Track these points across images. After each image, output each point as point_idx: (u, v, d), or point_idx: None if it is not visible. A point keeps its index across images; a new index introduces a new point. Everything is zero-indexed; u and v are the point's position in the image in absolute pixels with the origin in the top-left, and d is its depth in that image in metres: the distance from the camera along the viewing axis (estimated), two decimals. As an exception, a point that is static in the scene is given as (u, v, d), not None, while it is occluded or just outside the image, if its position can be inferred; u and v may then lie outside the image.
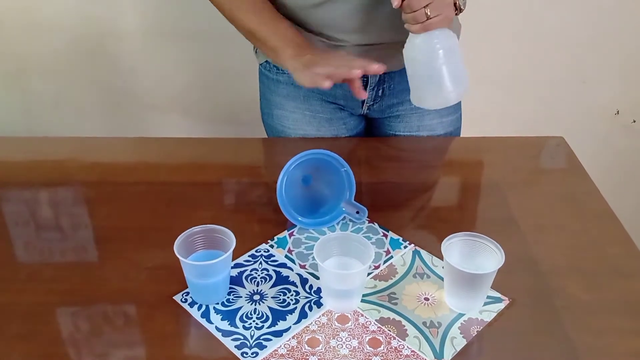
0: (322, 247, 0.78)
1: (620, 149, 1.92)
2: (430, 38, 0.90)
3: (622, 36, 1.72)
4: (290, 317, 0.76)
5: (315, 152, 0.90)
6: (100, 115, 1.87)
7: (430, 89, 0.93)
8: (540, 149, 1.16)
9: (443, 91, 0.91)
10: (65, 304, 0.78)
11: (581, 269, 0.85)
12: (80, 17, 1.67)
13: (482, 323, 0.76)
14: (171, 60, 1.76)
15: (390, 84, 1.12)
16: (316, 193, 0.94)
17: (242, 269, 0.84)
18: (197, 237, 0.79)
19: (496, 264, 0.74)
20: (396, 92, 1.14)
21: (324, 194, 0.95)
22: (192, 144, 1.18)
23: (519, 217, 0.94)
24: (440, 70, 0.91)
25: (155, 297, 0.79)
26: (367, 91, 1.13)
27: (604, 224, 0.94)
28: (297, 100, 1.15)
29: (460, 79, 0.92)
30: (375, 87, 1.12)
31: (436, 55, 0.90)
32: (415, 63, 0.93)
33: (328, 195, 0.94)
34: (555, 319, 0.77)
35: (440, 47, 0.90)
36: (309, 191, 0.93)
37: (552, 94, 1.82)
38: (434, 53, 0.90)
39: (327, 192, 0.95)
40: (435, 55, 0.90)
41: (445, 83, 0.91)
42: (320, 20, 1.03)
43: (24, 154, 1.13)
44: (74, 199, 1.00)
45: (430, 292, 0.80)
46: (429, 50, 0.90)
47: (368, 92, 1.13)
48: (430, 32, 0.89)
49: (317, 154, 0.90)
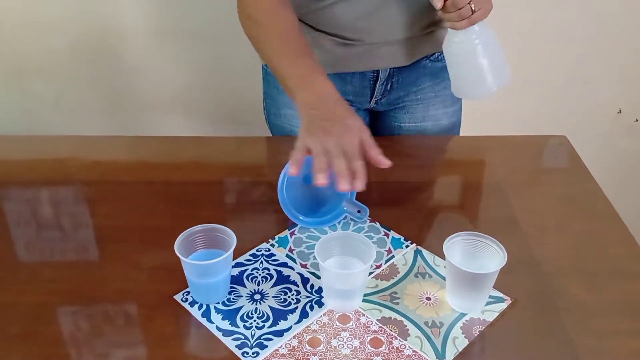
0: (323, 246, 0.77)
1: (622, 148, 1.91)
2: (470, 33, 0.93)
3: (623, 36, 1.72)
4: (291, 317, 0.76)
5: None
6: (101, 115, 1.87)
7: (472, 82, 0.97)
8: (543, 148, 1.16)
9: (485, 84, 0.96)
10: (66, 304, 0.78)
11: (583, 269, 0.84)
12: (80, 16, 1.67)
13: (484, 323, 0.75)
14: (172, 60, 1.76)
15: (398, 77, 1.12)
16: (317, 192, 0.94)
17: (243, 268, 0.83)
18: (198, 236, 0.79)
19: (498, 263, 0.74)
20: (403, 85, 1.14)
21: (325, 193, 0.94)
22: (193, 142, 1.17)
23: (521, 217, 0.94)
24: (481, 64, 0.94)
25: (156, 296, 0.79)
26: (377, 86, 1.13)
27: (607, 224, 0.93)
28: None
29: (500, 70, 0.96)
30: (384, 82, 1.12)
31: (476, 50, 0.94)
32: (456, 58, 0.97)
33: (329, 194, 0.94)
34: (557, 320, 0.76)
35: (479, 42, 0.93)
36: (310, 190, 0.92)
37: (554, 93, 1.82)
38: (474, 48, 0.93)
39: (328, 191, 0.94)
40: (475, 50, 0.94)
41: (486, 76, 0.95)
42: (331, 19, 1.03)
43: (24, 153, 1.13)
44: (74, 198, 1.00)
45: (432, 292, 0.80)
46: (470, 46, 0.93)
47: (378, 87, 1.13)
48: (470, 28, 0.92)
49: None
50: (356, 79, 1.11)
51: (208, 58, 1.74)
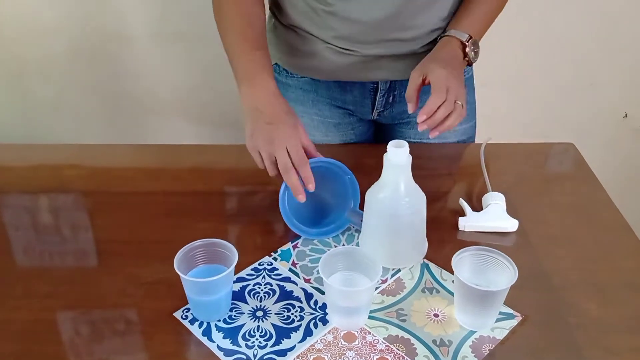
0: (328, 262, 0.75)
1: (628, 152, 1.89)
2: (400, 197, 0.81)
3: (629, 39, 1.70)
4: (294, 335, 0.73)
5: (318, 160, 0.87)
6: (101, 119, 1.85)
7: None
8: (550, 155, 1.13)
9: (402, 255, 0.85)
10: (62, 321, 0.76)
11: (595, 283, 0.82)
12: (80, 20, 1.65)
13: (494, 341, 0.73)
14: (172, 64, 1.74)
15: (400, 91, 1.10)
16: (320, 202, 0.91)
17: (244, 284, 0.81)
18: (198, 251, 0.76)
19: (509, 280, 0.71)
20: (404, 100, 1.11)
21: (328, 203, 0.92)
22: (193, 151, 1.15)
23: (529, 228, 0.92)
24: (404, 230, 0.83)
25: (155, 313, 0.77)
26: (377, 97, 1.11)
27: (617, 235, 0.91)
28: (305, 105, 1.12)
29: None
30: (385, 94, 1.10)
31: (402, 214, 0.81)
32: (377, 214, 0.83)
33: (332, 204, 0.92)
34: (569, 337, 0.74)
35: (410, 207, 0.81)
36: (313, 200, 0.90)
37: (559, 97, 1.80)
38: (401, 210, 0.81)
39: (331, 201, 0.92)
40: (401, 213, 0.81)
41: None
42: (333, 31, 1.01)
43: (22, 161, 1.11)
44: (72, 209, 0.98)
45: (440, 308, 0.78)
46: (397, 207, 0.80)
47: (378, 99, 1.11)
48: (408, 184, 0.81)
49: (320, 162, 0.88)
50: (356, 89, 1.10)
51: (208, 61, 1.72)
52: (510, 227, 0.90)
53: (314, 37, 1.04)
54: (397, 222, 0.81)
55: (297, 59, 1.09)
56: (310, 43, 1.05)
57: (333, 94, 1.11)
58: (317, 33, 1.03)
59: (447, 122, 0.89)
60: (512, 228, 0.90)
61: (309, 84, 1.11)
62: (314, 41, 1.04)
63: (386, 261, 0.83)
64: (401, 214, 0.81)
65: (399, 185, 0.79)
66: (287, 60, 1.11)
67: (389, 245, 0.84)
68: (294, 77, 1.11)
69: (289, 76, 1.12)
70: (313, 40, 1.04)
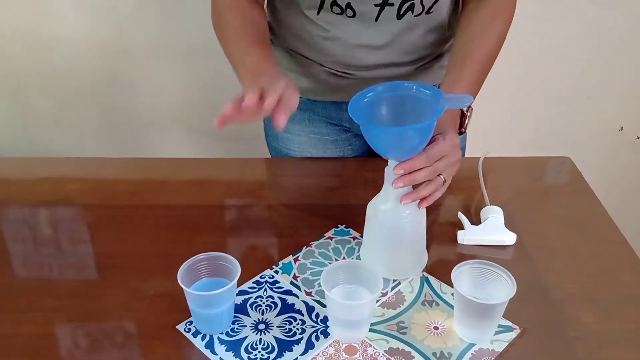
0: (329, 275, 0.76)
1: (624, 164, 1.91)
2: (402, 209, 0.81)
3: (625, 53, 1.72)
4: (296, 348, 0.74)
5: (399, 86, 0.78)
6: (101, 133, 1.86)
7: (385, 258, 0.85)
8: (547, 169, 1.15)
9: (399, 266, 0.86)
10: (66, 334, 0.76)
11: (594, 297, 0.83)
12: (80, 36, 1.67)
13: (493, 354, 0.74)
14: (171, 77, 1.75)
15: None
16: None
17: (246, 296, 0.82)
18: (201, 264, 0.77)
19: (507, 293, 0.72)
20: None
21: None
22: (194, 164, 1.16)
23: (528, 241, 0.93)
24: (404, 242, 0.84)
25: (158, 326, 0.77)
26: None
27: (615, 249, 0.92)
28: (302, 124, 1.13)
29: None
30: None
31: (402, 227, 0.81)
32: (377, 226, 0.84)
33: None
34: (568, 350, 0.75)
35: (411, 220, 0.81)
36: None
37: (557, 110, 1.81)
38: (401, 223, 0.81)
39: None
40: (401, 226, 0.81)
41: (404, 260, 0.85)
42: (330, 56, 1.02)
43: (23, 174, 1.12)
44: (74, 223, 0.98)
45: (439, 321, 0.78)
46: (398, 219, 0.81)
47: None
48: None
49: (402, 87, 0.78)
50: None
51: (208, 76, 1.73)
52: (508, 241, 0.92)
53: (309, 60, 1.05)
54: (398, 234, 0.82)
55: (293, 79, 1.09)
56: (306, 65, 1.06)
57: (329, 113, 1.12)
58: (312, 57, 1.04)
59: (422, 191, 0.80)
60: (511, 241, 0.91)
61: (304, 103, 1.12)
62: (310, 64, 1.05)
63: (386, 272, 0.84)
64: (402, 226, 0.82)
65: (400, 198, 0.80)
66: None
67: (389, 256, 0.85)
68: None
69: None
70: (308, 63, 1.05)
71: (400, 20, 0.96)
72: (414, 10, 0.95)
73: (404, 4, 0.94)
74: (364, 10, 0.94)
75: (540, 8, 1.63)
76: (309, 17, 0.98)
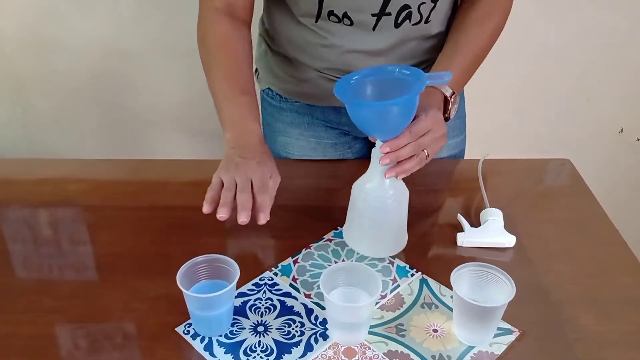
0: (328, 277, 0.76)
1: (624, 166, 1.91)
2: (387, 187, 0.84)
3: (625, 54, 1.72)
4: (295, 350, 0.74)
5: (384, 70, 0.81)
6: (101, 133, 1.86)
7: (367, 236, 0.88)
8: (546, 171, 1.15)
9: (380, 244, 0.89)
10: (65, 335, 0.76)
11: (593, 298, 0.83)
12: (80, 36, 1.67)
13: (492, 356, 0.74)
14: (172, 78, 1.76)
15: None
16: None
17: (245, 299, 0.82)
18: (200, 267, 0.77)
19: (507, 296, 0.72)
20: None
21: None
22: (195, 166, 1.16)
23: (527, 243, 0.93)
24: (386, 222, 0.87)
25: (157, 328, 0.78)
26: None
27: (614, 250, 0.92)
28: (301, 127, 1.13)
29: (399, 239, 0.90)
30: None
31: (386, 207, 0.85)
32: (361, 205, 0.86)
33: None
34: (568, 351, 0.75)
35: (395, 200, 0.85)
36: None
37: (556, 112, 1.81)
38: (385, 202, 0.84)
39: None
40: (385, 206, 0.85)
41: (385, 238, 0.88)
42: (328, 62, 1.03)
43: (24, 175, 1.12)
44: (75, 224, 0.98)
45: (438, 323, 0.78)
46: (382, 199, 0.84)
47: None
48: (393, 179, 0.83)
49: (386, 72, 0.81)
50: None
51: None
52: (508, 243, 0.92)
53: (307, 66, 1.05)
54: (381, 213, 0.85)
55: (290, 85, 1.10)
56: (304, 71, 1.06)
57: (328, 117, 1.12)
58: (310, 63, 1.04)
59: (406, 165, 0.82)
60: (510, 244, 0.92)
61: (303, 107, 1.12)
62: (308, 70, 1.05)
63: (368, 251, 0.87)
64: (386, 207, 0.84)
65: (384, 178, 0.82)
66: (280, 85, 1.12)
67: (372, 235, 0.87)
68: (288, 101, 1.12)
69: (282, 100, 1.13)
70: (306, 69, 1.05)
71: (398, 29, 0.96)
72: (411, 19, 0.95)
73: (401, 13, 0.94)
74: (361, 20, 0.94)
75: (540, 9, 1.63)
76: (306, 25, 0.98)
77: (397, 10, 0.93)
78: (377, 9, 0.92)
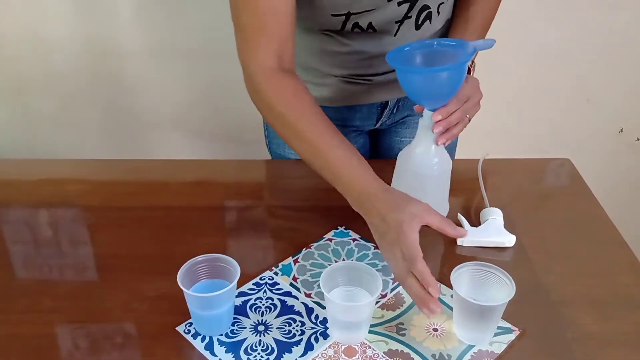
0: (328, 276, 0.76)
1: (624, 166, 1.91)
2: (432, 155, 0.89)
3: (625, 55, 1.72)
4: (295, 349, 0.74)
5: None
6: (101, 134, 1.86)
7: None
8: (546, 171, 1.15)
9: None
10: (66, 335, 0.76)
11: (593, 298, 0.83)
12: (80, 37, 1.67)
13: (492, 355, 0.74)
14: (172, 79, 1.76)
15: (405, 101, 1.13)
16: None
17: (246, 298, 0.82)
18: (201, 266, 0.77)
19: (507, 295, 0.72)
20: (409, 106, 1.15)
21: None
22: (195, 166, 1.16)
23: (527, 243, 0.93)
24: (430, 190, 0.90)
25: (158, 327, 0.78)
26: (385, 112, 1.13)
27: (614, 251, 0.92)
28: None
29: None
30: (392, 107, 1.13)
31: (431, 174, 0.90)
32: (408, 171, 0.91)
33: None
34: (567, 351, 0.75)
35: (440, 167, 0.90)
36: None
37: (556, 112, 1.82)
38: (430, 170, 0.89)
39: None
40: (430, 173, 0.89)
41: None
42: (347, 69, 1.03)
43: (24, 176, 1.12)
44: (75, 224, 0.99)
45: (438, 323, 0.78)
46: (427, 166, 0.89)
47: (385, 113, 1.13)
48: (438, 148, 0.89)
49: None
50: (365, 108, 1.12)
51: (208, 76, 1.74)
52: (508, 242, 0.92)
53: (325, 73, 1.05)
54: (426, 180, 0.89)
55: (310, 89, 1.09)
56: (320, 76, 1.06)
57: (341, 115, 1.12)
58: (329, 70, 1.04)
59: (454, 130, 0.88)
60: (510, 243, 0.92)
61: None
62: (325, 75, 1.05)
63: None
64: (430, 173, 0.89)
65: (430, 146, 0.88)
66: None
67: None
68: None
69: None
70: (324, 75, 1.05)
71: (418, 31, 0.98)
72: (431, 20, 0.97)
73: (421, 13, 0.95)
74: (385, 28, 0.95)
75: (540, 9, 1.63)
76: (329, 35, 0.98)
77: (417, 12, 0.95)
78: (400, 17, 0.94)
